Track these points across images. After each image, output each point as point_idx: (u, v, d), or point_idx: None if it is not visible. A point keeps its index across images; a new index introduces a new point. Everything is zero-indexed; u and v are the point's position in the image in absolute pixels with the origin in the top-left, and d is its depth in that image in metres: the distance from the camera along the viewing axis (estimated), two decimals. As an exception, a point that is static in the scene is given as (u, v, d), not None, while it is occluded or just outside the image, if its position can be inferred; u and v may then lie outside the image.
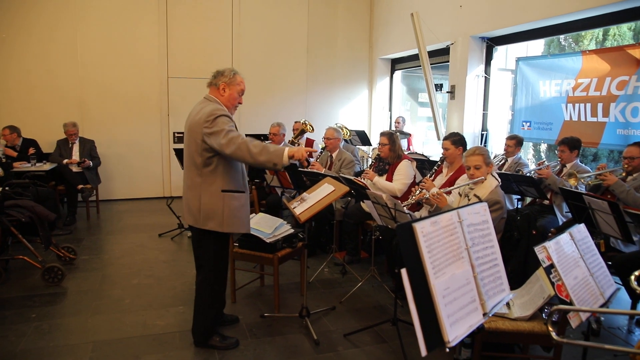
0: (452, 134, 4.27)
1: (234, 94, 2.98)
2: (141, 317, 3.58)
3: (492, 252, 1.65)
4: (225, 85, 2.95)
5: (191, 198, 2.93)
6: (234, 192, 2.94)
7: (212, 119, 2.77)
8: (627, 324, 3.66)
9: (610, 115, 4.83)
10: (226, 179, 2.91)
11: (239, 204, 2.97)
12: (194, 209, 2.92)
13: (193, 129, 2.85)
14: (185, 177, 2.99)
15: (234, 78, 2.96)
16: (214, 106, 2.87)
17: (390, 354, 3.13)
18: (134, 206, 7.46)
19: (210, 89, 3.01)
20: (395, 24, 8.20)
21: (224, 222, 2.91)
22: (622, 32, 7.82)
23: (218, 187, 2.89)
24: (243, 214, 3.02)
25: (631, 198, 3.78)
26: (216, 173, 2.88)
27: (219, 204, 2.89)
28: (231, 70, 2.98)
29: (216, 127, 2.76)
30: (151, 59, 7.66)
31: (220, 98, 2.96)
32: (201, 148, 2.84)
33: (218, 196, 2.89)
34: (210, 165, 2.86)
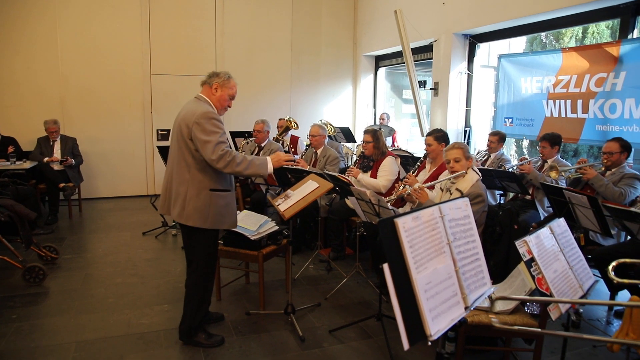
0: (434, 130, 4.31)
1: (225, 96, 3.03)
2: (125, 316, 3.56)
3: (474, 247, 1.67)
4: (218, 85, 3.00)
5: (179, 192, 2.93)
6: (221, 191, 2.96)
7: (204, 121, 2.80)
8: (605, 316, 3.74)
9: (589, 112, 4.91)
10: (215, 179, 2.94)
11: (224, 202, 2.99)
12: (179, 205, 2.92)
13: (185, 128, 2.87)
14: (174, 172, 2.98)
15: (227, 81, 3.03)
16: (206, 108, 2.91)
17: (375, 349, 3.16)
18: (117, 204, 7.38)
19: (203, 88, 3.06)
20: (379, 21, 8.23)
21: (208, 219, 2.93)
22: (601, 30, 7.95)
23: (206, 186, 2.91)
24: (230, 211, 3.04)
25: (609, 192, 3.86)
26: (205, 172, 2.91)
27: (205, 202, 2.91)
28: (226, 73, 3.05)
29: (207, 136, 2.80)
30: (133, 56, 7.57)
31: (212, 97, 3.01)
32: (191, 147, 2.87)
33: (205, 195, 2.91)
34: (200, 163, 2.89)
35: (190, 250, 3.11)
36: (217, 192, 2.94)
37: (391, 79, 9.74)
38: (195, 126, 2.81)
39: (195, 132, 2.81)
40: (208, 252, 3.05)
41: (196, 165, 2.89)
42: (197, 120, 2.81)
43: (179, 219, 2.95)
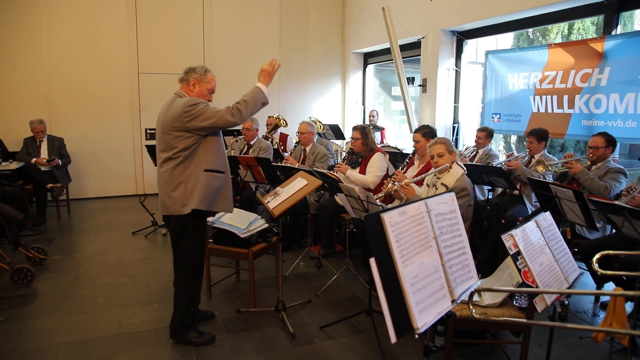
0: (422, 127, 4.34)
1: (204, 91, 3.01)
2: (115, 316, 3.55)
3: (460, 241, 1.70)
4: (195, 81, 2.97)
5: (172, 189, 2.91)
6: (215, 172, 2.97)
7: (190, 108, 2.81)
8: (592, 308, 3.80)
9: (575, 107, 4.97)
10: (208, 159, 2.94)
11: (219, 183, 2.99)
12: (176, 196, 2.91)
13: (169, 124, 2.86)
14: (161, 171, 2.97)
15: (204, 75, 2.99)
16: (185, 98, 2.90)
17: (365, 345, 3.18)
18: (106, 204, 7.34)
19: (181, 84, 3.03)
20: (367, 18, 8.24)
21: (206, 200, 2.93)
22: (586, 26, 8.03)
23: (201, 167, 2.91)
24: (223, 195, 3.04)
25: (595, 186, 3.91)
26: (196, 157, 2.91)
27: (202, 183, 2.90)
28: (203, 67, 3.01)
29: (200, 111, 2.82)
30: (121, 55, 7.51)
31: (190, 94, 2.98)
32: (181, 139, 2.86)
33: (200, 175, 2.91)
34: (190, 153, 2.89)
35: (178, 247, 3.08)
36: (211, 172, 2.94)
37: (380, 76, 9.77)
38: (184, 117, 2.80)
39: (192, 122, 2.81)
40: (195, 248, 3.04)
41: (188, 154, 2.88)
42: (183, 111, 2.80)
43: (182, 210, 2.91)
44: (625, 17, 5.19)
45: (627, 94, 4.41)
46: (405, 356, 3.04)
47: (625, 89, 4.42)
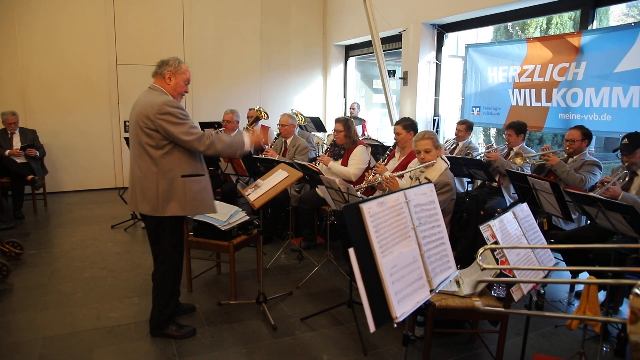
0: (403, 119, 4.36)
1: (180, 82, 2.97)
2: (94, 310, 3.50)
3: (439, 232, 1.72)
4: (171, 74, 2.93)
5: (147, 187, 2.86)
6: (193, 176, 2.93)
7: (167, 111, 2.75)
8: (567, 297, 3.89)
9: (552, 100, 5.05)
10: (184, 165, 2.89)
11: (199, 187, 2.96)
12: (151, 197, 2.86)
13: (143, 120, 2.80)
14: (136, 167, 2.92)
15: (179, 67, 2.95)
16: (164, 98, 2.84)
17: (346, 335, 3.20)
18: (85, 198, 7.23)
19: (155, 79, 2.98)
20: (348, 10, 8.23)
21: (187, 206, 2.90)
22: (564, 21, 8.15)
23: (177, 173, 2.87)
24: (205, 196, 3.02)
25: (571, 178, 3.99)
26: (173, 160, 2.86)
27: (180, 189, 2.87)
28: (176, 59, 2.97)
29: (178, 126, 2.77)
30: (98, 45, 7.36)
31: (166, 87, 2.94)
32: (157, 138, 2.80)
33: (178, 183, 2.87)
34: (167, 154, 2.84)
35: (156, 244, 3.05)
36: (189, 177, 2.91)
37: (361, 69, 9.78)
38: (158, 117, 2.75)
39: (164, 125, 2.76)
40: (174, 245, 3.01)
41: (161, 155, 2.83)
42: (158, 111, 2.75)
43: (154, 212, 2.88)
44: (601, 13, 5.27)
45: (602, 88, 4.50)
46: (386, 346, 3.07)
47: (601, 83, 4.50)
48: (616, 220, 3.00)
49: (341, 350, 3.03)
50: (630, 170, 3.60)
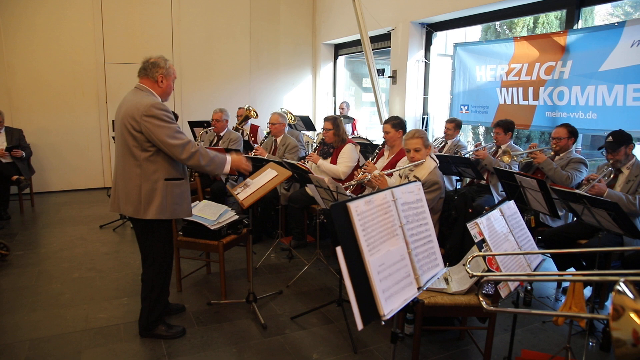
0: (392, 118, 4.38)
1: (171, 84, 2.96)
2: (83, 311, 3.48)
3: (426, 229, 1.73)
4: (163, 77, 2.90)
5: (130, 188, 2.84)
6: (175, 180, 2.91)
7: (153, 114, 2.71)
8: (554, 293, 3.93)
9: (539, 99, 5.10)
10: (167, 168, 2.87)
11: (180, 191, 2.95)
12: (134, 199, 2.84)
13: (129, 120, 2.76)
14: (120, 168, 2.89)
15: (169, 68, 2.93)
16: (152, 99, 2.80)
17: (336, 334, 3.22)
18: (72, 198, 7.16)
19: (142, 79, 2.92)
20: (337, 9, 8.24)
21: (167, 209, 2.88)
22: (550, 20, 8.23)
23: (160, 176, 2.84)
24: (184, 200, 3.00)
25: (558, 176, 4.04)
26: (157, 163, 2.83)
27: (162, 193, 2.85)
28: (163, 59, 2.93)
29: (163, 130, 2.73)
30: (85, 44, 7.30)
31: (158, 90, 2.91)
32: (141, 140, 2.77)
33: (161, 186, 2.84)
34: (151, 156, 2.81)
35: (145, 245, 3.03)
36: (172, 181, 2.89)
37: (351, 68, 9.80)
38: (144, 119, 2.71)
39: (149, 127, 2.72)
40: (163, 245, 3.00)
41: (146, 157, 2.80)
42: (145, 113, 2.71)
43: (136, 214, 2.85)
44: (586, 13, 5.33)
45: (588, 87, 4.55)
46: (375, 344, 3.09)
47: (586, 82, 4.56)
48: (601, 217, 3.04)
49: (331, 348, 3.05)
50: (615, 168, 3.65)
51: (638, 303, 1.00)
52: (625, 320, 0.98)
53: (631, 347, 0.96)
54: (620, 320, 0.99)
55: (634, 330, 0.96)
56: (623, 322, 0.98)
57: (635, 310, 0.98)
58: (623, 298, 1.01)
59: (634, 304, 0.99)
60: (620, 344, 0.98)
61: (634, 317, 0.97)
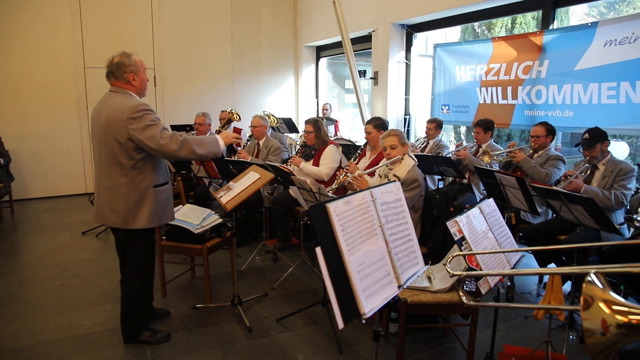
0: (373, 119, 4.42)
1: (142, 76, 2.85)
2: (66, 318, 3.44)
3: (406, 229, 1.76)
4: (133, 75, 2.81)
5: (117, 198, 2.77)
6: (161, 185, 2.89)
7: (137, 117, 2.64)
8: (536, 288, 4.00)
9: (518, 98, 5.18)
10: (155, 174, 2.83)
11: (165, 196, 2.94)
12: (121, 209, 2.78)
13: (114, 127, 2.67)
14: (104, 178, 2.80)
15: (135, 63, 2.81)
16: (133, 101, 2.73)
17: (322, 335, 3.23)
18: (54, 204, 7.07)
19: (114, 82, 2.82)
20: (319, 11, 8.27)
21: (155, 217, 2.85)
22: (527, 20, 8.38)
23: (148, 183, 2.80)
24: (169, 206, 3.00)
25: (537, 173, 4.11)
26: (145, 170, 2.78)
27: (152, 200, 2.81)
28: (126, 55, 2.82)
29: (149, 130, 2.65)
30: (64, 48, 7.21)
31: (133, 89, 2.83)
32: (129, 147, 2.70)
33: (149, 193, 2.80)
34: (138, 163, 2.75)
35: (126, 253, 2.97)
36: (159, 187, 2.86)
37: (333, 69, 9.84)
38: (130, 122, 2.64)
39: (135, 128, 2.64)
40: (145, 253, 2.96)
41: (133, 165, 2.73)
42: (130, 116, 2.63)
43: (125, 225, 2.79)
44: (561, 13, 5.45)
45: (564, 86, 4.64)
46: (360, 343, 3.11)
47: (563, 81, 4.65)
48: (578, 213, 3.11)
49: (317, 349, 3.06)
50: (592, 164, 3.73)
51: (607, 293, 1.03)
52: (594, 310, 1.01)
53: (600, 336, 0.99)
54: (590, 310, 1.02)
55: (603, 320, 0.99)
56: (592, 312, 1.02)
57: (604, 300, 1.01)
58: (593, 288, 1.05)
59: (603, 294, 1.03)
60: (590, 333, 1.01)
61: (602, 307, 1.00)
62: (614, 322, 0.97)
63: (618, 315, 0.97)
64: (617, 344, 0.98)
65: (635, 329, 0.96)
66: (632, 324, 0.95)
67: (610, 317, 0.98)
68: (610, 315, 0.98)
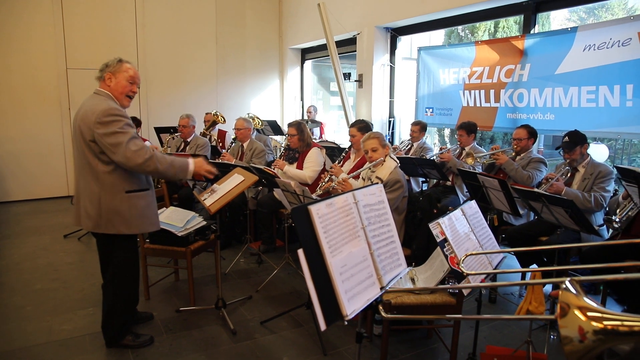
0: (357, 121, 4.44)
1: (122, 81, 2.80)
2: (46, 323, 3.39)
3: (388, 230, 1.77)
4: (110, 75, 2.78)
5: (90, 201, 2.73)
6: (138, 191, 2.82)
7: (105, 121, 2.59)
8: (518, 289, 4.04)
9: (500, 101, 5.25)
10: (128, 179, 2.76)
11: (145, 203, 2.86)
12: (93, 214, 2.73)
13: (85, 130, 2.64)
14: (79, 180, 2.78)
15: (119, 66, 2.79)
16: (107, 104, 2.68)
17: (306, 337, 3.23)
18: (35, 207, 6.96)
19: (100, 83, 2.83)
20: (303, 14, 8.28)
21: (132, 223, 2.79)
22: (510, 25, 8.49)
23: (121, 188, 2.74)
24: (151, 212, 2.92)
25: (519, 176, 4.17)
26: (117, 174, 2.72)
27: (125, 206, 2.75)
28: (116, 58, 2.82)
29: (114, 136, 2.59)
30: (46, 49, 7.11)
31: (108, 89, 2.79)
32: (96, 150, 2.67)
33: (122, 198, 2.74)
34: (109, 167, 2.70)
35: (106, 259, 2.95)
36: (135, 192, 2.79)
37: (318, 72, 9.86)
38: (97, 127, 2.59)
39: (99, 133, 2.59)
40: (127, 260, 2.93)
41: (105, 168, 2.69)
42: (98, 120, 2.59)
43: (97, 229, 2.75)
44: (543, 18, 5.53)
45: (545, 89, 4.71)
46: (345, 345, 3.12)
47: (544, 84, 4.72)
48: (559, 214, 3.16)
49: (301, 351, 3.06)
50: (572, 167, 3.79)
51: (581, 300, 1.04)
52: (570, 317, 1.03)
53: (578, 343, 1.01)
54: (567, 318, 1.03)
55: (580, 327, 1.00)
56: (569, 319, 1.03)
57: (579, 307, 1.03)
58: (568, 295, 1.06)
59: (577, 300, 1.04)
60: (568, 341, 1.02)
61: (578, 314, 1.01)
62: (590, 329, 0.98)
63: (594, 322, 0.98)
64: (594, 350, 0.99)
65: (611, 334, 0.97)
66: (608, 330, 0.96)
67: (587, 324, 0.99)
68: (586, 322, 0.99)
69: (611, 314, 0.98)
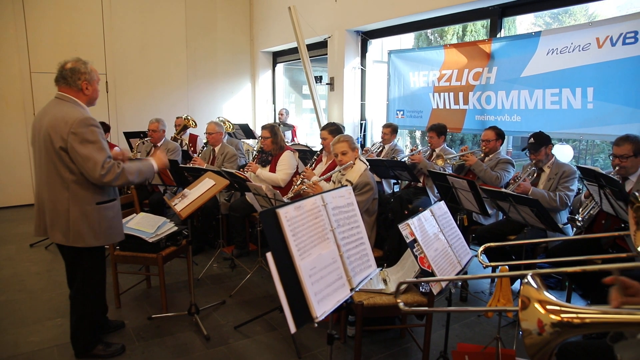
0: (328, 124, 4.46)
1: (96, 87, 2.77)
2: (11, 336, 3.28)
3: (358, 232, 1.79)
4: (87, 83, 2.69)
5: (58, 212, 2.65)
6: (108, 202, 2.76)
7: (82, 131, 2.52)
8: (488, 288, 4.13)
9: (469, 103, 5.35)
10: (99, 191, 2.70)
11: (113, 213, 2.80)
12: (62, 226, 2.66)
13: (56, 138, 2.54)
14: (44, 190, 2.69)
15: (91, 71, 2.72)
16: (81, 112, 2.59)
17: (280, 340, 3.23)
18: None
19: (63, 89, 2.70)
20: (274, 17, 8.28)
21: (101, 235, 2.73)
22: (477, 28, 8.68)
23: (91, 200, 2.67)
24: (118, 222, 2.87)
25: (488, 176, 4.26)
26: (87, 186, 2.64)
27: (94, 218, 2.68)
28: (82, 62, 2.71)
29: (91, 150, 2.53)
30: (7, 52, 6.90)
31: (84, 98, 2.71)
32: (67, 160, 2.58)
33: (92, 210, 2.67)
34: (81, 178, 2.62)
35: (72, 271, 2.88)
36: (104, 204, 2.73)
37: (290, 75, 9.86)
38: (73, 137, 2.52)
39: (74, 145, 2.52)
40: (94, 270, 2.86)
41: (75, 179, 2.61)
42: (73, 130, 2.52)
43: (66, 242, 2.67)
44: (509, 22, 5.67)
45: (512, 91, 4.83)
46: (319, 347, 3.12)
47: (510, 87, 4.84)
48: (525, 213, 3.24)
49: (275, 355, 3.05)
50: (538, 167, 3.89)
51: (541, 293, 1.08)
52: (531, 310, 1.06)
53: (537, 335, 1.04)
54: (527, 311, 1.07)
55: (539, 320, 1.04)
56: (529, 312, 1.06)
57: (539, 301, 1.06)
58: (529, 289, 1.10)
59: (537, 294, 1.08)
60: (527, 333, 1.05)
61: (538, 307, 1.05)
62: (548, 322, 1.02)
63: (552, 315, 1.02)
64: (552, 342, 1.02)
65: (568, 326, 1.01)
66: (564, 322, 1.00)
67: (545, 316, 1.02)
68: (545, 315, 1.03)
69: (568, 307, 1.02)
